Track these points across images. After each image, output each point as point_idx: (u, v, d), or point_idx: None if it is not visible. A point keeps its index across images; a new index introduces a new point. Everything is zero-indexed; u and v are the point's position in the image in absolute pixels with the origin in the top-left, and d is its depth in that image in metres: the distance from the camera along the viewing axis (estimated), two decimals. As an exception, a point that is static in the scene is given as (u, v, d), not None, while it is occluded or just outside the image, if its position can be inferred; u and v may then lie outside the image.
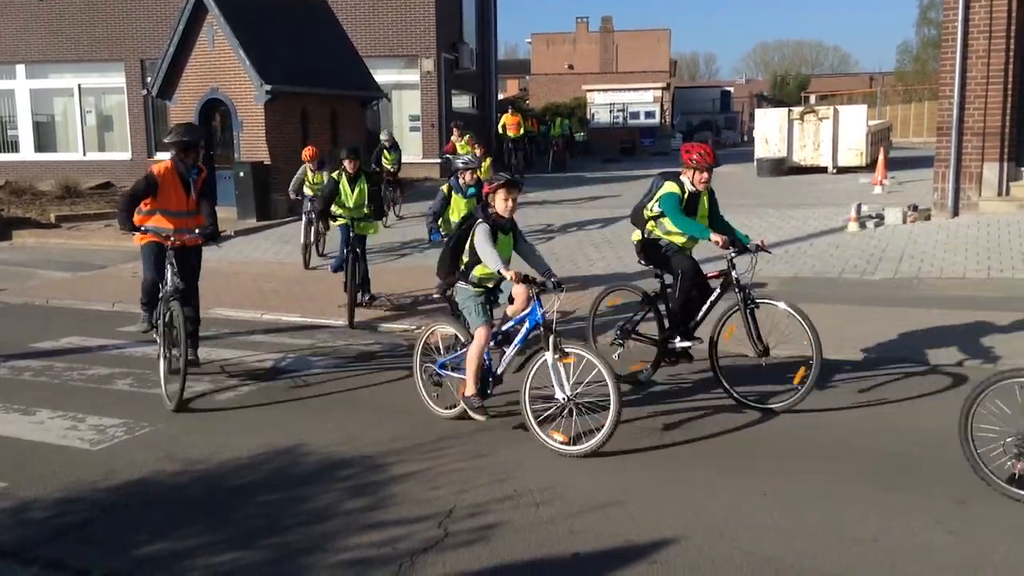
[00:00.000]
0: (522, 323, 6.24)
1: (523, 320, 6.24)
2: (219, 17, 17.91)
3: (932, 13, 52.81)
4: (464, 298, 6.43)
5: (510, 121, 25.85)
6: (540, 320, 6.00)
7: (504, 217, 6.26)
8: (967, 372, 7.23)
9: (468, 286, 6.41)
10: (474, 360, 6.20)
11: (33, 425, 6.72)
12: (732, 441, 5.98)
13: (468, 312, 6.40)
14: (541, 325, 5.99)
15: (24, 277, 13.75)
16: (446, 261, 6.50)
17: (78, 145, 27.09)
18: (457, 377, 6.52)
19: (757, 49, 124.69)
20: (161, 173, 7.54)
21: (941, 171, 13.99)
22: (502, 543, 4.57)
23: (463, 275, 6.43)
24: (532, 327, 6.11)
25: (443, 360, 6.65)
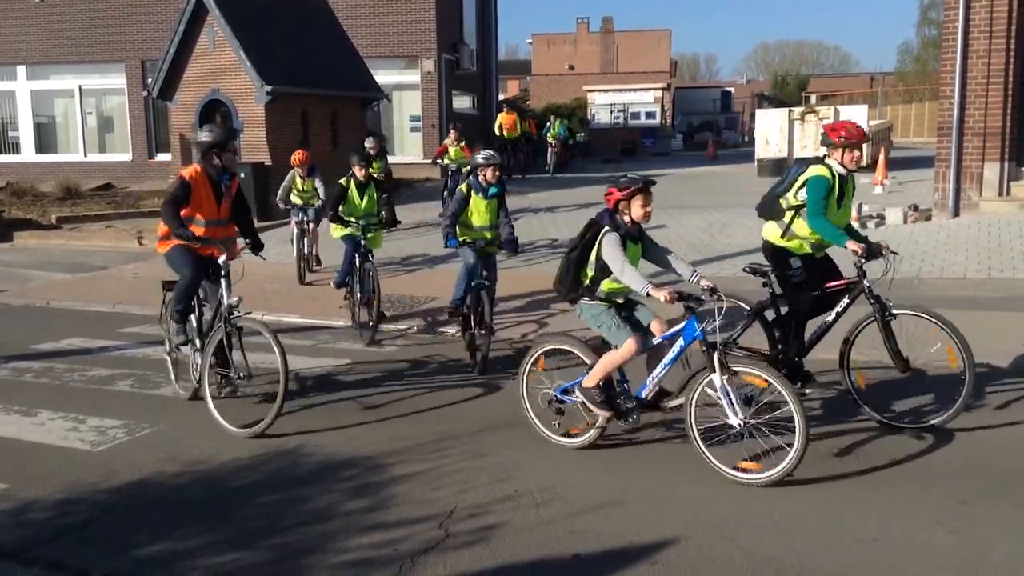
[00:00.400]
0: (672, 340, 5.53)
1: (674, 337, 5.52)
2: (219, 18, 17.93)
3: (933, 13, 52.85)
4: (594, 315, 5.70)
5: (506, 120, 25.34)
6: (700, 337, 5.35)
7: (637, 224, 5.61)
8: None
9: (595, 302, 5.71)
10: (609, 364, 5.59)
11: (34, 426, 6.72)
12: (729, 442, 5.97)
13: (605, 328, 5.68)
14: (703, 343, 5.33)
15: (25, 278, 13.75)
16: (567, 275, 5.72)
17: (79, 146, 27.11)
18: None
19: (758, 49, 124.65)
20: (193, 177, 6.84)
21: (942, 171, 13.99)
22: (503, 544, 4.57)
23: (588, 290, 5.68)
24: (688, 345, 5.46)
25: (566, 384, 5.92)
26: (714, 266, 11.89)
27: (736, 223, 14.75)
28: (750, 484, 5.13)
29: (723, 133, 49.67)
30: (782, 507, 4.89)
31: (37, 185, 23.17)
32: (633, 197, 5.53)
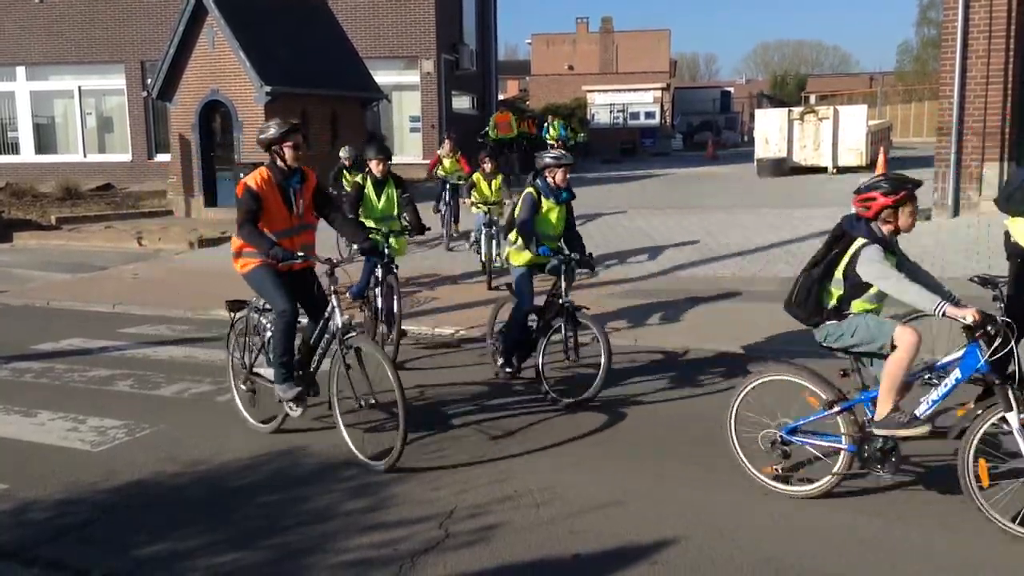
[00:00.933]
0: (946, 371, 4.69)
1: (948, 367, 4.69)
2: (219, 18, 17.93)
3: (932, 13, 52.85)
4: (844, 332, 4.87)
5: (500, 120, 24.56)
6: (985, 370, 4.54)
7: (896, 235, 4.85)
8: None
9: (841, 325, 4.89)
10: (897, 371, 4.66)
11: (34, 426, 6.72)
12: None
13: (864, 333, 4.80)
14: (984, 376, 4.58)
15: (25, 279, 13.75)
16: (808, 297, 4.96)
17: (78, 147, 27.13)
18: (824, 446, 5.02)
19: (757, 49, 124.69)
20: (260, 185, 5.92)
21: (941, 171, 13.99)
22: (503, 544, 4.57)
23: (835, 312, 4.89)
24: (965, 377, 4.63)
25: (794, 424, 5.05)
26: (715, 266, 11.90)
27: (736, 223, 14.75)
28: None
29: (723, 133, 49.65)
30: (782, 507, 4.89)
31: (37, 186, 23.21)
32: (903, 204, 4.74)
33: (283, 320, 5.94)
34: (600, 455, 5.78)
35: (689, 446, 5.88)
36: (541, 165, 7.32)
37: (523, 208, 7.20)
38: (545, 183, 7.27)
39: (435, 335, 9.37)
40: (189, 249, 16.08)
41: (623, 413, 6.59)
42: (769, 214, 15.48)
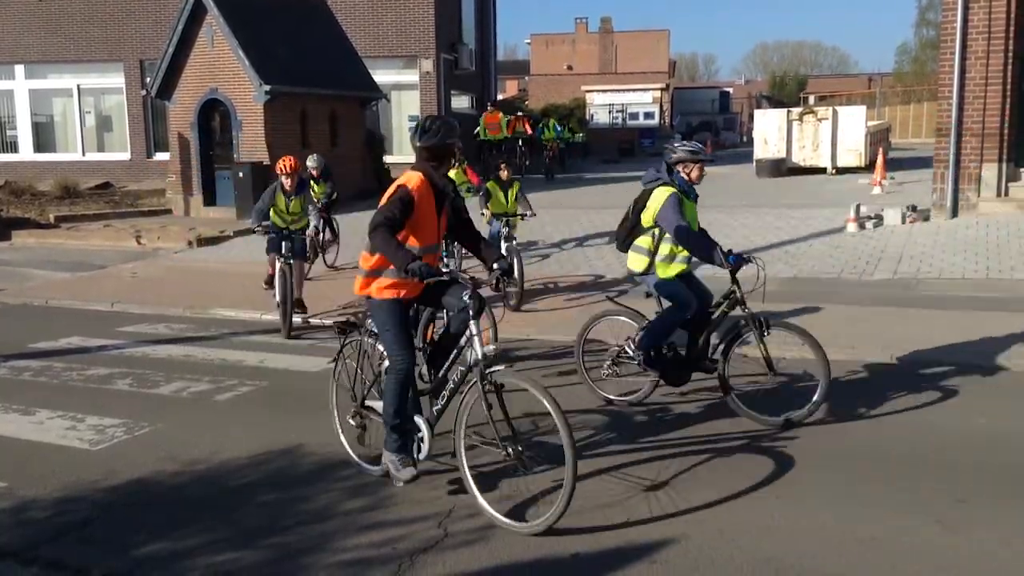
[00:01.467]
0: None
1: None
2: (218, 17, 17.93)
3: (931, 14, 52.89)
4: None
5: (490, 120, 23.91)
6: None
7: None
8: (963, 372, 7.23)
9: None
10: None
11: (33, 425, 6.72)
12: (732, 441, 5.97)
13: None
14: None
15: (23, 277, 13.75)
16: None
17: (77, 145, 27.10)
18: None
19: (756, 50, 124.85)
20: (419, 190, 5.00)
21: (940, 172, 14.00)
22: (501, 543, 4.57)
23: None
24: None
25: None
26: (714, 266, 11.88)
27: (735, 223, 14.75)
28: None
29: (721, 133, 49.69)
30: (782, 507, 4.89)
31: (35, 184, 23.19)
32: None
33: (401, 373, 5.01)
34: (599, 454, 5.77)
35: (687, 445, 5.88)
36: (674, 159, 6.47)
37: (668, 210, 6.31)
38: (682, 179, 6.48)
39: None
40: (188, 248, 16.08)
41: (622, 413, 6.59)
42: (768, 214, 15.48)
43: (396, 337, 5.07)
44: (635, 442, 6.00)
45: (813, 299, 9.80)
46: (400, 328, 5.08)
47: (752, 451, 5.76)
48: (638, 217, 6.52)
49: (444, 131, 5.06)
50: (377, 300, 5.16)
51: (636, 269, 6.58)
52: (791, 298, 9.87)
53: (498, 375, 4.82)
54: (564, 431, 4.49)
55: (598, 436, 6.14)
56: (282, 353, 8.80)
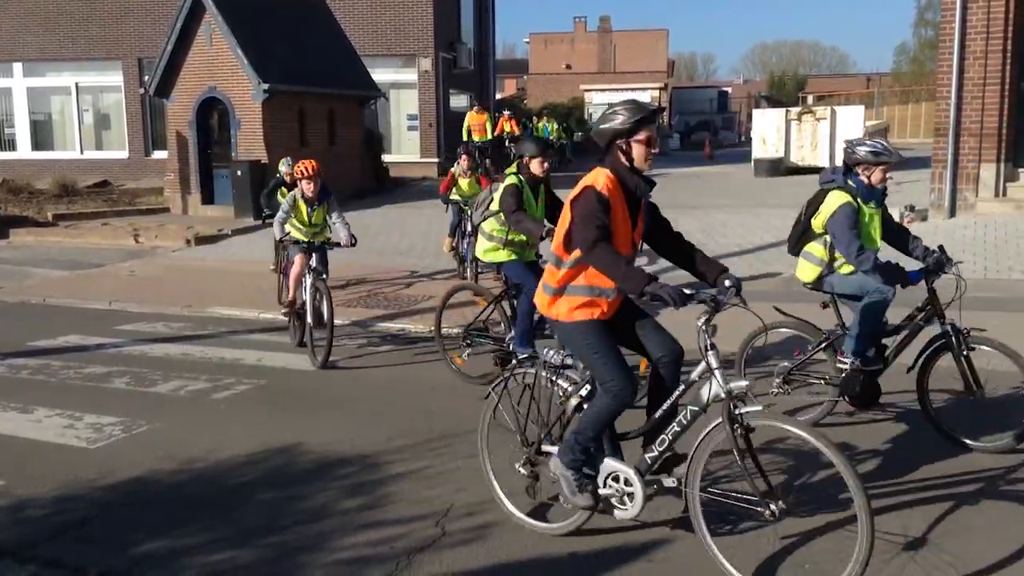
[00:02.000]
0: None
1: None
2: (217, 16, 17.91)
3: (930, 14, 52.90)
4: None
5: (475, 121, 21.92)
6: None
7: None
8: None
9: None
10: None
11: (31, 423, 6.72)
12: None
13: None
14: None
15: (21, 276, 13.74)
16: None
17: (75, 144, 27.07)
18: None
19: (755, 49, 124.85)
20: (610, 190, 4.19)
21: (938, 172, 14.02)
22: (499, 542, 4.58)
23: None
24: None
25: None
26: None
27: (733, 223, 14.77)
28: None
29: (720, 133, 49.72)
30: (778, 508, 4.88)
31: (33, 182, 23.16)
32: None
33: (619, 403, 4.24)
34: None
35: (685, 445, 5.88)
36: (853, 160, 5.78)
37: (840, 225, 5.68)
38: (860, 183, 5.79)
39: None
40: (186, 246, 16.07)
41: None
42: (766, 214, 15.49)
43: (608, 359, 4.23)
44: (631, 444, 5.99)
45: (809, 299, 9.78)
46: (610, 349, 4.25)
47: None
48: (809, 220, 5.99)
49: (635, 115, 4.20)
50: (569, 323, 4.31)
51: (805, 279, 6.12)
52: (788, 297, 9.86)
53: (751, 416, 4.01)
54: (856, 487, 3.77)
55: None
56: (280, 352, 8.81)
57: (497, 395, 4.77)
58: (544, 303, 4.43)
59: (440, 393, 7.25)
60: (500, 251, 7.14)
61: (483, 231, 7.26)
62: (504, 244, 7.11)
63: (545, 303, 4.42)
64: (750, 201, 17.60)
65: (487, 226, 7.21)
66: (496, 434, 4.87)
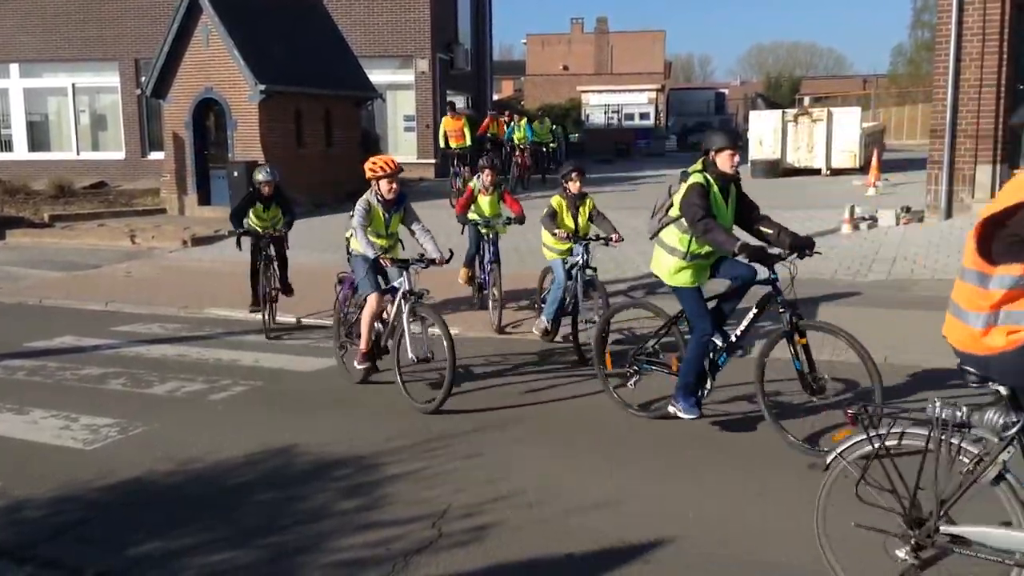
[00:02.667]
0: None
1: None
2: (213, 16, 17.90)
3: (926, 16, 52.87)
4: None
5: (451, 127, 19.37)
6: None
7: None
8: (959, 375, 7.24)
9: None
10: None
11: (27, 425, 6.71)
12: (727, 442, 5.99)
13: None
14: None
15: (18, 276, 13.72)
16: None
17: (72, 144, 27.05)
18: None
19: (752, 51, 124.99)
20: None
21: (934, 173, 14.04)
22: (496, 543, 4.58)
23: None
24: None
25: None
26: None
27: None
28: None
29: (717, 134, 49.65)
30: (776, 508, 4.90)
31: (30, 183, 23.12)
32: None
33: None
34: (594, 455, 5.79)
35: (683, 447, 5.89)
36: None
37: None
38: None
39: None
40: (182, 247, 16.06)
41: (618, 414, 6.59)
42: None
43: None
44: (630, 442, 6.01)
45: (807, 300, 9.81)
46: None
47: (747, 452, 5.77)
48: None
49: None
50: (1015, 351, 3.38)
51: None
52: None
53: None
54: None
55: (583, 434, 6.15)
56: (277, 353, 8.80)
57: (859, 466, 3.71)
58: (971, 336, 3.48)
59: (436, 393, 7.23)
60: (685, 271, 5.93)
61: (663, 243, 6.04)
62: (689, 259, 5.90)
63: (974, 336, 3.46)
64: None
65: (668, 238, 5.99)
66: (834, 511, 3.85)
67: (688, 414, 5.97)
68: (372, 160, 7.34)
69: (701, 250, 5.89)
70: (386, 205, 7.30)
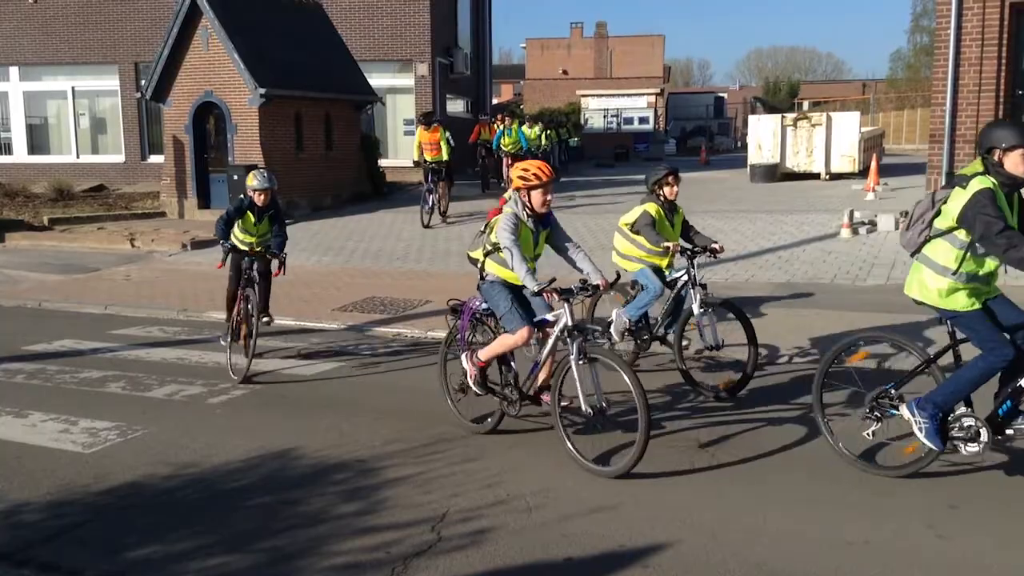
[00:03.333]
0: None
1: None
2: (213, 20, 17.92)
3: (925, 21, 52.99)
4: None
5: (426, 139, 17.43)
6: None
7: None
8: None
9: None
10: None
11: (26, 428, 6.71)
12: (724, 446, 5.99)
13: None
14: None
15: (17, 280, 13.72)
16: None
17: (71, 148, 27.04)
18: None
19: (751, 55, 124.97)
20: None
21: (933, 178, 14.06)
22: (495, 547, 4.58)
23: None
24: None
25: None
26: (707, 271, 11.90)
27: (729, 228, 14.78)
28: None
29: (716, 138, 49.81)
30: (774, 511, 4.90)
31: (29, 186, 23.11)
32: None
33: None
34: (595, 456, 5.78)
35: (682, 451, 5.89)
36: None
37: None
38: None
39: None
40: (182, 251, 16.05)
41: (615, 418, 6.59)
42: (762, 219, 15.52)
43: None
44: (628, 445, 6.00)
45: (806, 304, 9.83)
46: None
47: (744, 455, 5.77)
48: None
49: None
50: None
51: None
52: (783, 304, 9.90)
53: None
54: None
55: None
56: (276, 357, 8.79)
57: None
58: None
59: (436, 397, 7.23)
60: (960, 292, 4.94)
61: (928, 261, 5.03)
62: (965, 279, 4.93)
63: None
64: (745, 206, 17.62)
65: (935, 254, 4.99)
66: None
67: (933, 443, 5.03)
68: (523, 167, 5.91)
69: (980, 270, 4.92)
70: (538, 218, 5.96)
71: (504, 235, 5.75)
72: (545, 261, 6.24)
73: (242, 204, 8.51)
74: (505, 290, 5.95)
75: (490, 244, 5.99)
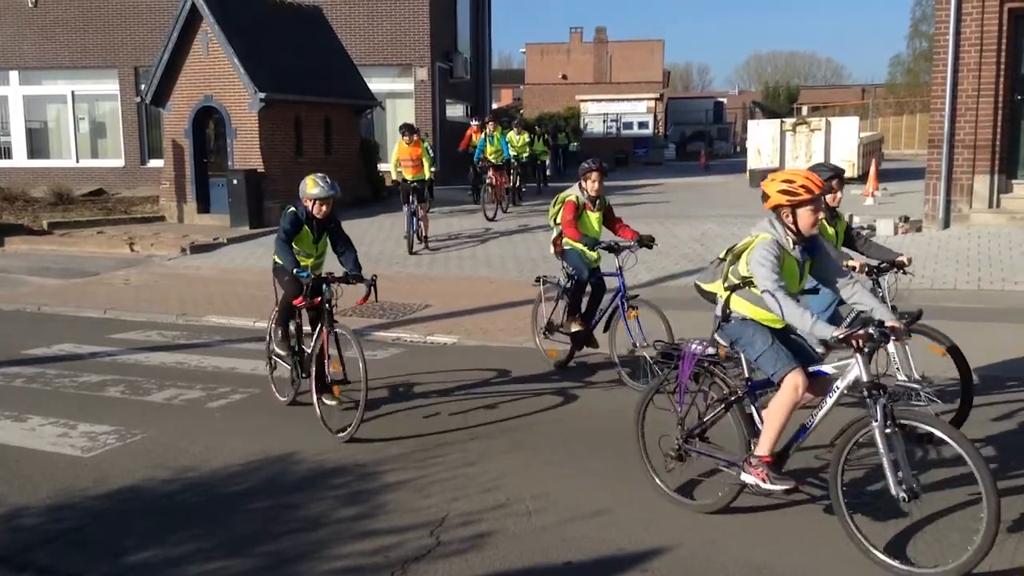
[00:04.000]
0: None
1: None
2: (213, 24, 17.94)
3: (924, 26, 53.06)
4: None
5: (405, 155, 15.25)
6: None
7: None
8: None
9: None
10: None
11: (25, 432, 6.70)
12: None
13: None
14: None
15: (16, 283, 13.72)
16: None
17: (71, 152, 27.06)
18: None
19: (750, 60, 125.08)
20: None
21: (932, 183, 14.06)
22: (494, 551, 4.58)
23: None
24: None
25: None
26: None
27: (728, 233, 14.79)
28: None
29: (715, 143, 49.86)
30: (773, 514, 4.90)
31: (28, 190, 23.10)
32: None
33: None
34: (592, 464, 5.78)
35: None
36: None
37: None
38: None
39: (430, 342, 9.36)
40: (181, 255, 16.05)
41: (615, 422, 6.59)
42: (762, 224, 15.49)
43: None
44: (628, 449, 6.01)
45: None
46: None
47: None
48: None
49: None
50: None
51: None
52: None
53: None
54: None
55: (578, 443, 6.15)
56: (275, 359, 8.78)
57: None
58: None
59: (435, 401, 7.24)
60: None
61: None
62: None
63: None
64: (744, 211, 17.61)
65: None
66: None
67: None
68: (786, 177, 4.82)
69: None
70: (804, 248, 4.92)
71: (763, 273, 4.60)
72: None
73: (298, 218, 6.76)
74: (762, 326, 4.77)
75: (737, 277, 4.88)
